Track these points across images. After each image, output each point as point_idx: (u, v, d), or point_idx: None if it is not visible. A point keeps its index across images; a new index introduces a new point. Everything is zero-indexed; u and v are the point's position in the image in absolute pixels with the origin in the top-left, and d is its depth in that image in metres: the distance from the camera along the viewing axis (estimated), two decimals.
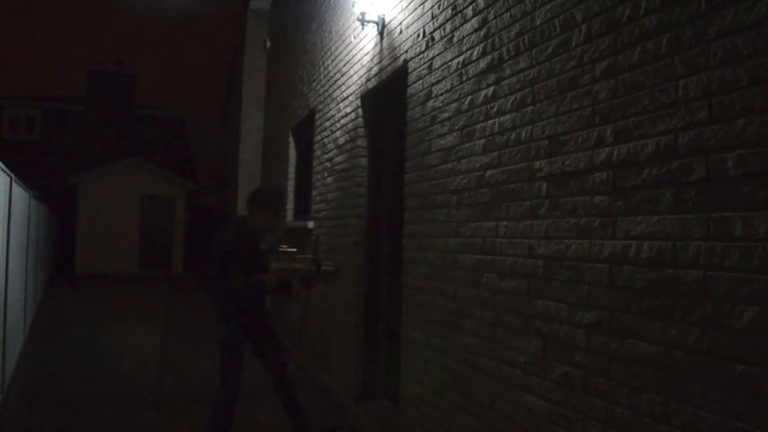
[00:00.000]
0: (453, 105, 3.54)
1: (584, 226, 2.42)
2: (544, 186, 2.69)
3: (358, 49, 5.36)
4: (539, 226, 2.71)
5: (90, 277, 17.62)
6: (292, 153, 8.36)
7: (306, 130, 7.53)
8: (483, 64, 3.25)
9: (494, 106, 3.12)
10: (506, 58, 3.03)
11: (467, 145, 3.37)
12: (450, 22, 3.64)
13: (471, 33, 3.38)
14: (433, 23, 3.85)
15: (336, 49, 6.13)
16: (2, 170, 5.19)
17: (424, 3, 4.00)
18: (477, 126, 3.27)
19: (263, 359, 4.37)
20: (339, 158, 5.76)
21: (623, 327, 2.19)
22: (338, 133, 5.83)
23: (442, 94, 3.69)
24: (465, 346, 3.30)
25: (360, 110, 5.31)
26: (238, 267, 4.08)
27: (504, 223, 2.98)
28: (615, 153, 2.27)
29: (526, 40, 2.87)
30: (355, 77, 5.40)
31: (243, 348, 4.25)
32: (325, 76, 6.56)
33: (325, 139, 6.31)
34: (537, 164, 2.74)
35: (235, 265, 4.09)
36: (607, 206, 2.31)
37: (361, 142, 5.29)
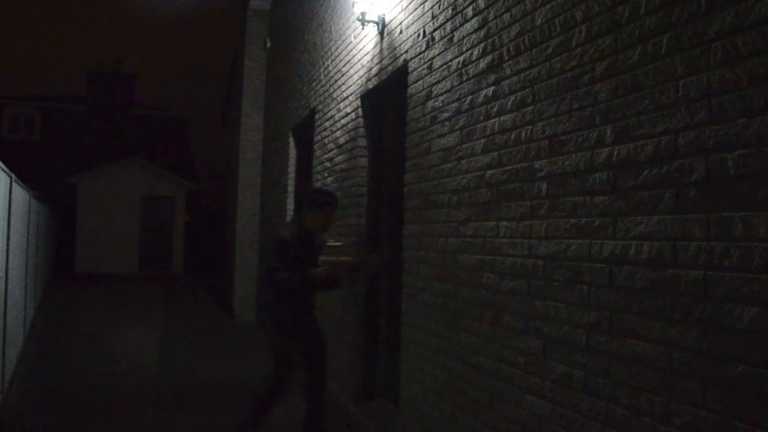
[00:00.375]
0: (453, 105, 3.54)
1: (585, 226, 2.42)
2: (544, 186, 2.69)
3: (358, 50, 5.36)
4: (539, 226, 2.72)
5: (90, 277, 17.62)
6: (292, 153, 8.36)
7: (306, 129, 7.53)
8: (483, 64, 3.25)
9: (494, 106, 3.12)
10: (506, 58, 3.03)
11: (467, 145, 3.37)
12: (450, 22, 3.64)
13: (471, 33, 3.38)
14: (433, 23, 3.85)
15: (336, 49, 6.13)
16: (2, 170, 5.19)
17: (424, 3, 4.00)
18: (477, 126, 3.27)
19: (305, 358, 4.44)
20: (339, 158, 5.76)
21: (623, 327, 2.19)
22: (338, 133, 5.83)
23: (442, 94, 3.69)
24: (465, 346, 3.30)
25: (360, 110, 5.31)
26: (296, 264, 4.24)
27: (504, 223, 2.98)
28: (615, 153, 2.27)
29: (526, 40, 2.88)
30: (355, 77, 5.40)
31: (295, 348, 4.38)
32: (325, 76, 6.56)
33: (325, 139, 6.31)
34: (537, 164, 2.74)
35: (293, 262, 4.23)
36: (607, 206, 2.31)
37: (361, 142, 5.29)
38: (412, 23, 4.18)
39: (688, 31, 1.98)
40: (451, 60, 3.59)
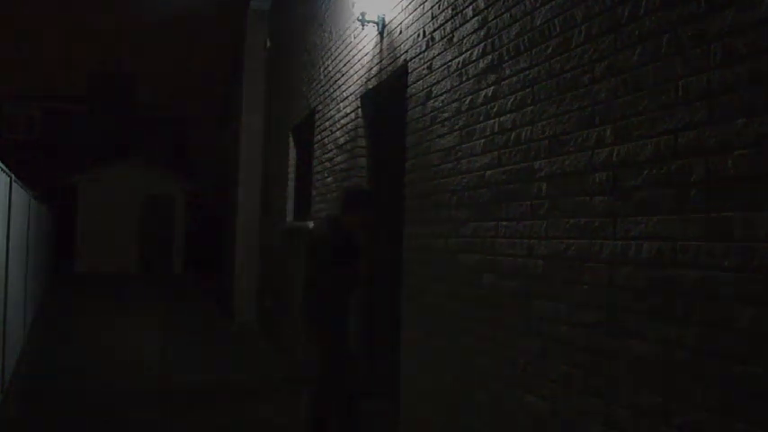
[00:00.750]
0: (453, 105, 3.54)
1: (584, 226, 2.42)
2: (544, 186, 2.69)
3: (358, 50, 5.36)
4: (539, 226, 2.71)
5: (90, 277, 17.62)
6: (292, 153, 8.36)
7: (306, 130, 7.53)
8: (483, 64, 3.25)
9: (494, 106, 3.12)
10: (506, 58, 3.03)
11: (467, 145, 3.37)
12: (450, 22, 3.64)
13: (471, 33, 3.38)
14: (433, 23, 3.85)
15: (336, 49, 6.13)
16: (2, 170, 5.19)
17: (424, 3, 4.00)
18: (477, 126, 3.27)
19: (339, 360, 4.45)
20: (339, 158, 5.76)
21: (623, 327, 2.19)
22: (338, 133, 5.83)
23: (442, 94, 3.69)
24: (465, 346, 3.30)
25: (360, 110, 5.31)
26: (338, 265, 4.28)
27: (504, 223, 2.98)
28: (615, 153, 2.27)
29: (526, 40, 2.87)
30: (355, 77, 5.40)
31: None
32: (325, 76, 6.56)
33: (325, 139, 6.32)
34: (537, 164, 2.74)
35: (335, 263, 4.27)
36: (607, 206, 2.31)
37: (361, 142, 5.29)
38: (412, 23, 4.18)
39: (688, 31, 1.98)
40: (451, 60, 3.59)
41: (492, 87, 3.15)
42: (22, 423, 4.97)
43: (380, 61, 4.79)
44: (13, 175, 5.83)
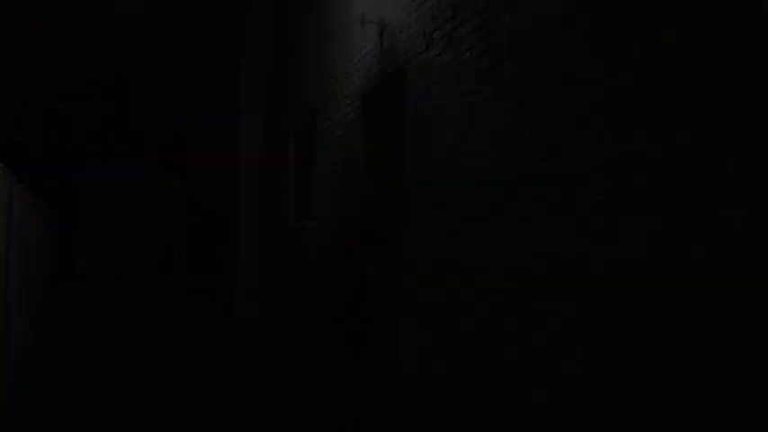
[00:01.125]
0: (453, 105, 3.54)
1: (584, 226, 2.43)
2: (544, 186, 2.69)
3: (358, 49, 5.37)
4: (539, 226, 2.72)
5: (90, 278, 17.63)
6: (292, 153, 8.37)
7: (306, 129, 7.54)
8: (483, 64, 3.25)
9: (494, 106, 3.12)
10: (506, 58, 3.03)
11: (467, 145, 3.37)
12: (450, 22, 3.64)
13: (471, 33, 3.39)
14: (433, 23, 3.85)
15: (336, 49, 6.14)
16: (2, 170, 5.19)
17: (424, 3, 4.00)
18: (477, 126, 3.27)
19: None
20: (339, 158, 5.77)
21: (623, 327, 2.20)
22: (338, 133, 5.84)
23: (442, 95, 3.69)
24: (465, 346, 3.30)
25: (360, 110, 5.31)
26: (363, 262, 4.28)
27: (504, 223, 2.99)
28: (615, 153, 2.28)
29: (526, 40, 2.88)
30: (355, 77, 5.41)
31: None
32: (325, 76, 6.56)
33: (326, 139, 6.32)
34: (537, 164, 2.75)
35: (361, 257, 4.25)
36: (607, 206, 2.31)
37: (361, 142, 5.30)
38: (412, 23, 4.18)
39: (687, 31, 1.99)
40: (451, 60, 3.59)
41: (492, 87, 3.15)
42: (22, 428, 4.97)
43: (380, 61, 4.80)
44: (13, 175, 5.83)
